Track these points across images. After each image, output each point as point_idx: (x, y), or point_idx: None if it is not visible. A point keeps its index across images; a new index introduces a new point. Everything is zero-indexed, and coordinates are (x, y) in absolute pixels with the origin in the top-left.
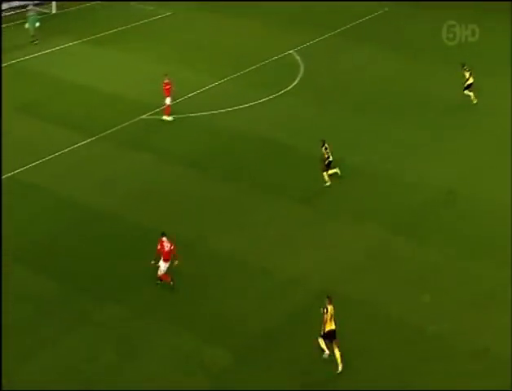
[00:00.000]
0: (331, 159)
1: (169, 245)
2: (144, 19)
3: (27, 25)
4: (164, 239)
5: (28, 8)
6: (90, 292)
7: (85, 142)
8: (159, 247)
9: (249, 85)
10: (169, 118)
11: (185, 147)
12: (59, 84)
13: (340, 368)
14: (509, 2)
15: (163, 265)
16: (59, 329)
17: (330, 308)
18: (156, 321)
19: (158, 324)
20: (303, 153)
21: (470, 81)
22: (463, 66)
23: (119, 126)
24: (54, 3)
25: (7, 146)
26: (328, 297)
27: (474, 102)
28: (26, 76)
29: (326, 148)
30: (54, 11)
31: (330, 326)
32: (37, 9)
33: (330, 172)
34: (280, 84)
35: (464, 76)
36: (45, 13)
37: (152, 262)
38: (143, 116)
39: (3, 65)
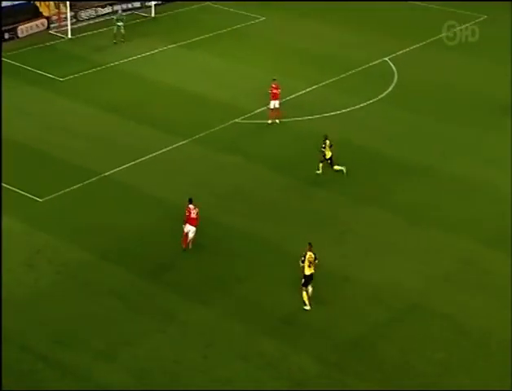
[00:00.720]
0: (328, 156)
1: (195, 212)
2: (238, 24)
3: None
4: (190, 206)
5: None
6: (178, 291)
7: (178, 144)
8: (186, 213)
9: (342, 92)
10: (269, 121)
11: (277, 151)
12: (154, 86)
13: (307, 308)
14: (509, 2)
15: (186, 228)
16: (146, 328)
17: (309, 254)
18: (242, 324)
19: (245, 327)
20: (397, 161)
21: None
22: None
23: (212, 129)
24: (153, 7)
25: (103, 146)
26: (308, 244)
27: None
28: (123, 79)
29: (323, 146)
30: (153, 15)
31: (309, 271)
32: (120, 12)
33: (336, 168)
34: (374, 91)
35: None
36: (144, 16)
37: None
38: (237, 120)
39: (103, 67)
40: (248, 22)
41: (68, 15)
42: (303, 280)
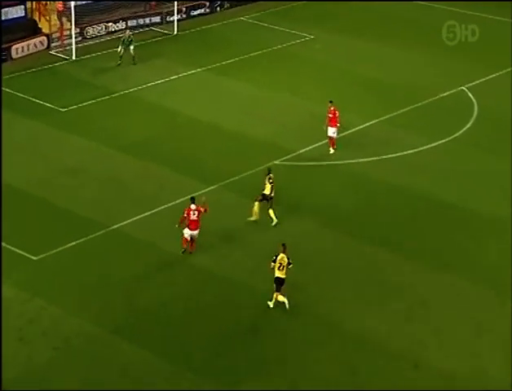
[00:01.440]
0: (265, 192)
1: (196, 213)
2: (280, 44)
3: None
4: (192, 206)
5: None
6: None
7: (205, 190)
8: (184, 215)
9: (408, 128)
10: (332, 150)
11: (326, 200)
12: (176, 120)
13: (271, 305)
14: (509, 2)
15: (186, 233)
16: None
17: (281, 256)
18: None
19: None
20: (477, 215)
21: None
22: None
23: (246, 173)
24: (175, 23)
25: (113, 192)
26: (282, 245)
27: None
28: (140, 109)
29: (270, 179)
30: (175, 32)
31: (279, 273)
32: (129, 32)
33: (271, 214)
34: (449, 127)
35: None
36: (165, 34)
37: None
38: (276, 162)
39: (114, 95)
40: (291, 41)
41: (73, 31)
42: (274, 284)
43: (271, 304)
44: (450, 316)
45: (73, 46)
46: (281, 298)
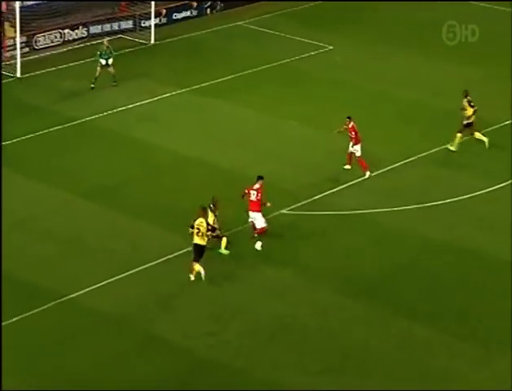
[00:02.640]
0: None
1: (254, 193)
2: (289, 56)
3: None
4: (257, 185)
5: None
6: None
7: (187, 249)
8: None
9: (458, 167)
10: (367, 174)
11: (345, 261)
12: (153, 157)
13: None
14: (509, 2)
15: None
16: None
17: (199, 221)
18: None
19: None
20: None
21: None
22: None
23: (246, 225)
24: (152, 29)
25: (72, 252)
26: (202, 208)
27: None
28: (106, 142)
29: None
30: (152, 41)
31: (198, 240)
32: (106, 42)
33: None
34: (510, 166)
35: None
36: (140, 43)
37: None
38: (284, 211)
39: (71, 124)
40: (303, 53)
41: (18, 40)
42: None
43: (192, 276)
44: None
45: (18, 60)
46: (197, 267)
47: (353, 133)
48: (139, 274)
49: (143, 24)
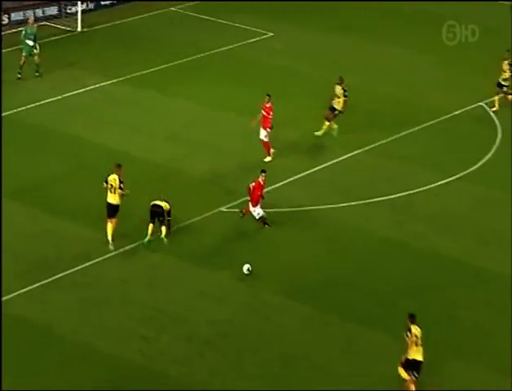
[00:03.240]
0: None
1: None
2: (226, 44)
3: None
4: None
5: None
6: None
7: (118, 251)
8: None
9: (406, 160)
10: (269, 158)
11: (292, 260)
12: (80, 151)
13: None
14: (509, 2)
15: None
16: None
17: (112, 178)
18: None
19: None
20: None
21: None
22: None
23: (181, 224)
24: (79, 15)
25: None
26: (116, 165)
27: None
28: (30, 138)
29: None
30: (79, 28)
31: (110, 198)
32: (31, 22)
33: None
34: (464, 158)
35: None
36: (66, 31)
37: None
38: (222, 209)
39: None
40: (242, 40)
41: None
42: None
43: (110, 246)
44: None
45: None
46: (110, 228)
47: (271, 113)
48: (65, 278)
49: (68, 11)
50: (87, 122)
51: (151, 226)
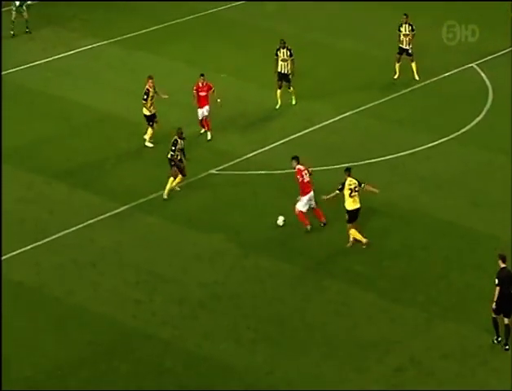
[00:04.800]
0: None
1: (308, 173)
2: (215, 6)
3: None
4: (300, 167)
5: None
6: None
7: (114, 211)
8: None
9: (396, 122)
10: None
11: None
12: (71, 114)
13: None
14: (509, 2)
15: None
16: None
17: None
18: None
19: None
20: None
21: None
22: None
23: (176, 186)
24: None
25: None
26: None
27: None
28: (21, 100)
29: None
30: None
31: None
32: None
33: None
34: (453, 119)
35: None
36: None
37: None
38: (213, 171)
39: None
40: (234, 1)
41: None
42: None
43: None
44: None
45: None
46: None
47: (200, 93)
48: (58, 240)
49: None
50: (78, 84)
51: None
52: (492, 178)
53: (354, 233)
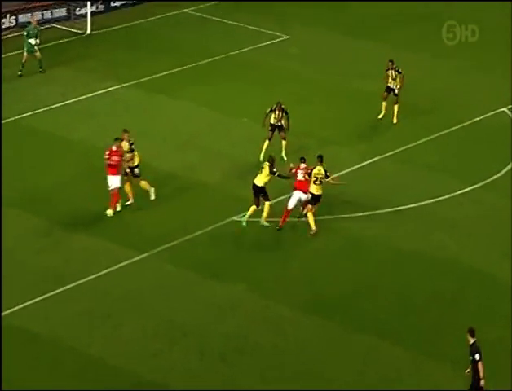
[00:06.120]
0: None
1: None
2: (242, 46)
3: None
4: (302, 165)
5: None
6: None
7: (134, 259)
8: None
9: (423, 168)
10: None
11: (302, 274)
12: (89, 158)
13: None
14: (509, 2)
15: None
16: None
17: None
18: None
19: None
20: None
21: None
22: None
23: (191, 235)
24: (88, 17)
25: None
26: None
27: None
28: (36, 144)
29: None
30: (89, 31)
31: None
32: (34, 23)
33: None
34: (485, 165)
35: None
36: (74, 33)
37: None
38: (235, 218)
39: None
40: (257, 43)
41: None
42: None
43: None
44: None
45: None
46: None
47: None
48: (74, 289)
49: (77, 12)
50: (97, 128)
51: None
52: None
53: (310, 216)
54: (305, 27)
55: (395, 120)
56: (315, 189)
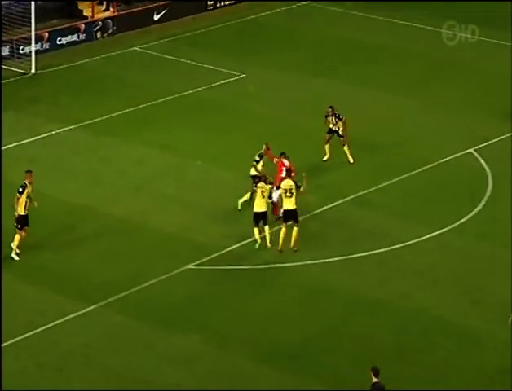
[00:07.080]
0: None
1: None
2: (192, 87)
3: None
4: (285, 161)
5: None
6: None
7: (82, 311)
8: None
9: (390, 212)
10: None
11: (264, 325)
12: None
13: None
14: (509, 2)
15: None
16: None
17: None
18: None
19: None
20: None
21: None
22: None
23: (146, 284)
24: (33, 56)
25: None
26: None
27: None
28: None
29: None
30: (33, 70)
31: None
32: None
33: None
34: (452, 209)
35: None
36: (18, 73)
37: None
38: (190, 266)
39: None
40: (211, 82)
41: None
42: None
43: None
44: None
45: None
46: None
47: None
48: (19, 344)
49: (21, 51)
50: (42, 174)
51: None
52: (492, 273)
53: (282, 233)
54: (261, 64)
55: (351, 160)
56: (288, 203)
